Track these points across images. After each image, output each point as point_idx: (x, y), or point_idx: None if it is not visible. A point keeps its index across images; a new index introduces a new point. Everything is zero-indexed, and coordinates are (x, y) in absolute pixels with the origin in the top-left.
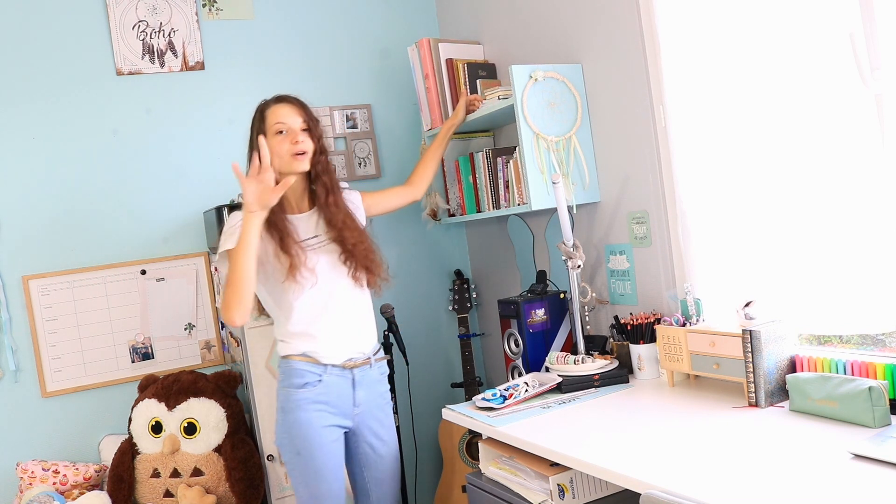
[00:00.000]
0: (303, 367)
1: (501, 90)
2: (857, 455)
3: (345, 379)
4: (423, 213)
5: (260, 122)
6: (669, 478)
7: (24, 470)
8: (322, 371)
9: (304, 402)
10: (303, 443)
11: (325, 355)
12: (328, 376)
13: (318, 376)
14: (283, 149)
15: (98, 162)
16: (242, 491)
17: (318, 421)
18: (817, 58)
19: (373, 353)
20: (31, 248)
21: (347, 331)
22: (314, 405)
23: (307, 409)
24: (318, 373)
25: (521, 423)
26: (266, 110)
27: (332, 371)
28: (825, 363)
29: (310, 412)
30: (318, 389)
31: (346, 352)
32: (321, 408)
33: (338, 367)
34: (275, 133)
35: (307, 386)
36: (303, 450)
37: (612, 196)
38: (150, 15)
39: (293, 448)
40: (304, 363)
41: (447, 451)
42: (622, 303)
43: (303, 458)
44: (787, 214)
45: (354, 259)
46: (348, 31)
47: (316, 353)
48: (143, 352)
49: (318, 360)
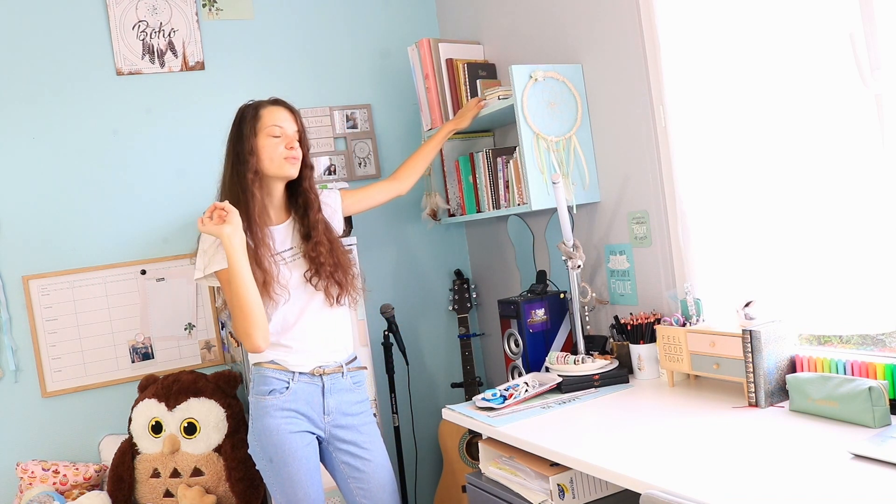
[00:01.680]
0: (271, 374)
1: (501, 90)
2: (857, 455)
3: (314, 386)
4: (423, 213)
5: (253, 119)
6: (669, 478)
7: (24, 470)
8: (290, 378)
9: (271, 409)
10: (274, 450)
11: (293, 363)
12: (296, 384)
13: (285, 383)
14: (277, 152)
15: (98, 162)
16: (242, 491)
17: (287, 427)
18: (817, 58)
19: (346, 361)
20: (31, 248)
21: (319, 341)
22: (282, 412)
23: (275, 416)
24: (285, 380)
25: (521, 423)
26: (261, 109)
27: (301, 378)
28: (825, 363)
29: (278, 419)
30: (286, 396)
31: (315, 360)
32: (289, 415)
33: (307, 374)
34: (269, 135)
35: (274, 393)
36: (274, 456)
37: (612, 196)
38: (150, 15)
39: (265, 455)
40: (273, 370)
41: (447, 451)
42: (622, 303)
43: (275, 465)
44: (786, 214)
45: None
46: (348, 31)
47: (285, 361)
48: (143, 352)
49: (287, 368)
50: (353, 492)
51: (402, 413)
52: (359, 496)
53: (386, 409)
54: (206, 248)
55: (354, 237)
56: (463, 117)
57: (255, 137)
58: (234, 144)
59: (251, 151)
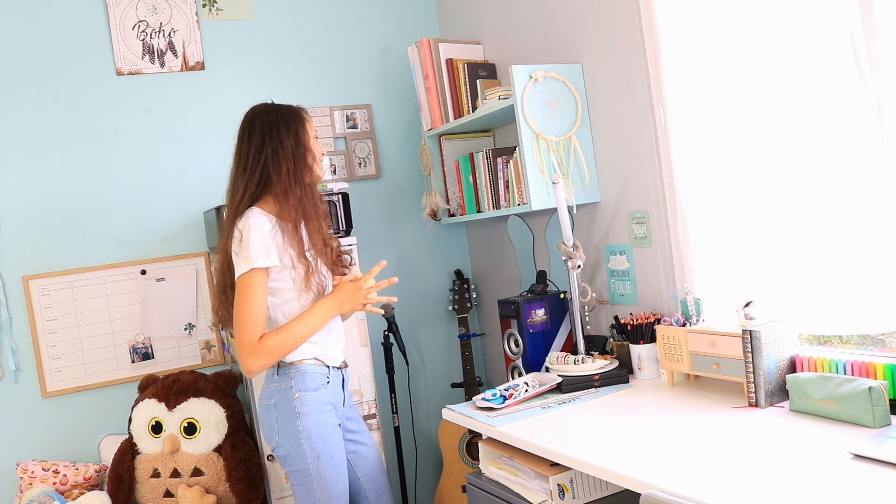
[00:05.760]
0: (315, 370)
1: (501, 90)
2: (857, 455)
3: (339, 379)
4: (423, 213)
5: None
6: (669, 478)
7: (24, 470)
8: (328, 373)
9: (321, 404)
10: (323, 445)
11: (331, 357)
12: (332, 378)
13: (326, 378)
14: (319, 156)
15: (98, 162)
16: (242, 491)
17: (332, 421)
18: (817, 58)
19: None
20: (31, 248)
21: (340, 336)
22: (327, 406)
23: (324, 411)
24: (326, 375)
25: (521, 423)
26: (306, 115)
27: (335, 373)
28: (825, 363)
29: (325, 413)
30: (328, 391)
31: (341, 353)
32: (330, 408)
33: (337, 368)
34: (314, 138)
35: (321, 388)
36: (323, 452)
37: (612, 196)
38: (150, 15)
39: (313, 452)
40: (316, 366)
41: (447, 451)
42: (622, 303)
43: (323, 461)
44: (786, 214)
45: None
46: (348, 31)
47: (325, 357)
48: (143, 352)
49: (325, 363)
50: (358, 478)
51: (402, 413)
52: (364, 482)
53: (386, 409)
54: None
55: (354, 237)
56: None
57: (311, 140)
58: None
59: (305, 151)
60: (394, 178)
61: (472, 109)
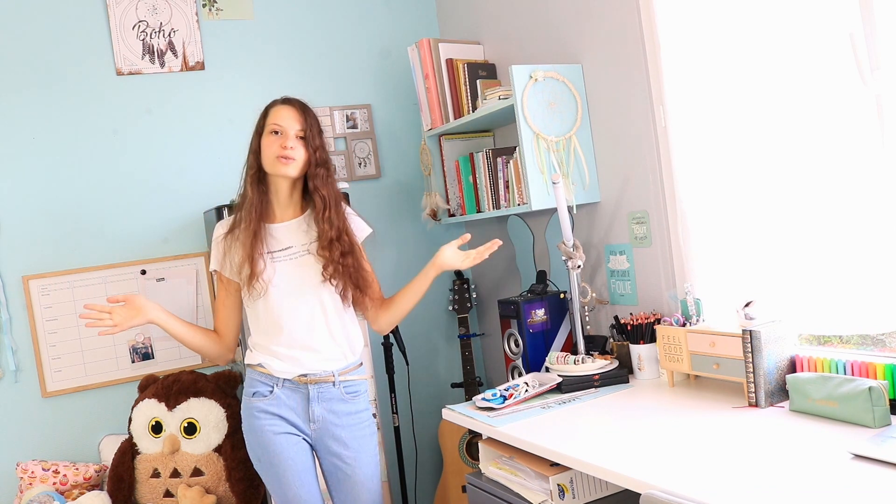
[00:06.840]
0: (257, 377)
1: (501, 90)
2: (857, 455)
3: (299, 393)
4: (423, 213)
5: (262, 117)
6: (669, 478)
7: (24, 470)
8: (274, 383)
9: (255, 410)
10: (261, 450)
11: (277, 370)
12: (280, 389)
13: (269, 388)
14: (271, 150)
15: (98, 162)
16: (242, 491)
17: (271, 428)
18: (817, 58)
19: (340, 370)
20: (31, 248)
21: (307, 349)
22: (265, 414)
23: (259, 417)
24: (269, 384)
25: (521, 423)
26: (270, 107)
27: (287, 384)
28: (825, 363)
29: (262, 420)
30: (270, 400)
31: (301, 368)
32: (272, 418)
33: (291, 381)
34: (269, 132)
35: (258, 395)
36: (262, 457)
37: (612, 196)
38: (150, 15)
39: (254, 455)
40: (259, 374)
41: (447, 451)
42: (622, 303)
43: (263, 465)
44: (786, 214)
45: (338, 273)
46: (348, 31)
47: (269, 366)
48: (143, 352)
49: (272, 373)
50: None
51: (402, 413)
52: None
53: (386, 409)
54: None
55: None
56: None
57: (260, 135)
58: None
59: (255, 149)
60: (394, 178)
61: (472, 109)
